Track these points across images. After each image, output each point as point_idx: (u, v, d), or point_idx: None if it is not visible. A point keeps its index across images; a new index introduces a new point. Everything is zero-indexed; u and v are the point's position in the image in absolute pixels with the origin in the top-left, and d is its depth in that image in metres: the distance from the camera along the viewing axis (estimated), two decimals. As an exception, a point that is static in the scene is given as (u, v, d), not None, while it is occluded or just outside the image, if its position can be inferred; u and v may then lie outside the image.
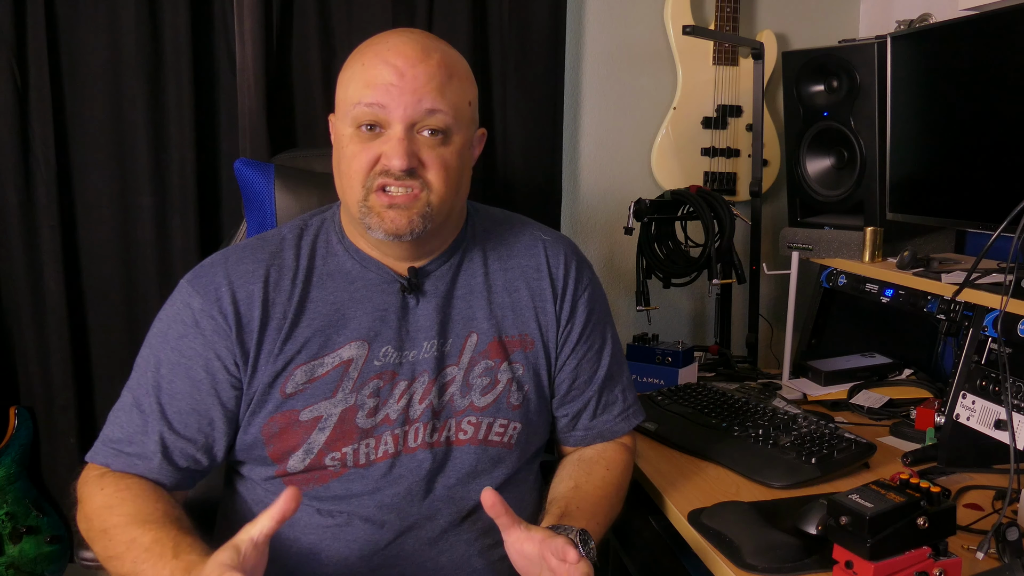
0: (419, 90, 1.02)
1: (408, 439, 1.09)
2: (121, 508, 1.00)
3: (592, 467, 1.19)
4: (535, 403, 1.17)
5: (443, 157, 1.05)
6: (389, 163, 1.02)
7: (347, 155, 1.05)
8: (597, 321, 1.22)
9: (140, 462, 1.05)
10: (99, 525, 1.01)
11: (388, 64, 1.03)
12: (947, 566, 0.97)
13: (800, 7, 2.23)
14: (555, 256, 1.21)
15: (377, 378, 1.09)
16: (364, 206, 1.05)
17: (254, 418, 1.07)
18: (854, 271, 1.80)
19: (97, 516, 1.01)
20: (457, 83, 1.07)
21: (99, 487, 1.03)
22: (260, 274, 1.09)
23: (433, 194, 1.05)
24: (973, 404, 1.39)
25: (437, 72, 1.04)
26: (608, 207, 2.15)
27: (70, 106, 1.78)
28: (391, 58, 1.03)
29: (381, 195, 1.04)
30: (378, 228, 1.05)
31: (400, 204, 1.04)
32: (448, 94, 1.04)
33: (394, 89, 1.02)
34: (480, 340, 1.14)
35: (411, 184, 1.04)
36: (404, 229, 1.05)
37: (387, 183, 1.04)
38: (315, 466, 1.07)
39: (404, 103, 1.02)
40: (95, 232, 1.83)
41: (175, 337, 1.08)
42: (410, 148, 1.03)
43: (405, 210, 1.04)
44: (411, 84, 1.02)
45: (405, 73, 1.02)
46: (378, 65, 1.03)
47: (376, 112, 1.03)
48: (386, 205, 1.04)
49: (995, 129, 1.48)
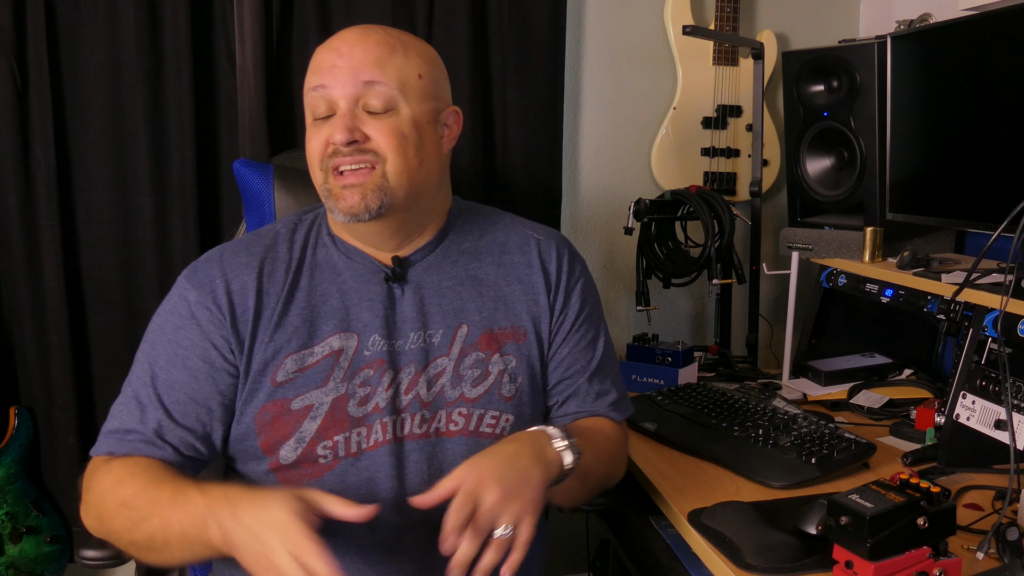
0: (356, 66, 1.06)
1: (399, 428, 1.09)
2: (133, 480, 1.00)
3: (590, 426, 1.19)
4: (529, 395, 1.17)
5: (392, 125, 1.07)
6: (333, 138, 1.05)
7: (308, 145, 1.10)
8: (590, 312, 1.23)
9: (143, 446, 1.05)
10: (114, 501, 1.00)
11: (330, 49, 1.08)
12: (947, 566, 0.97)
13: (800, 7, 2.23)
14: (548, 251, 1.22)
15: (367, 367, 1.10)
16: (325, 188, 1.08)
17: (247, 407, 1.08)
18: (854, 271, 1.80)
19: (111, 494, 1.01)
20: (401, 57, 1.08)
21: (107, 470, 1.04)
22: (254, 266, 1.11)
23: (388, 164, 1.06)
24: (973, 404, 1.39)
25: (375, 48, 1.07)
26: (608, 207, 2.15)
27: (70, 106, 1.79)
28: (333, 44, 1.08)
29: (337, 176, 1.06)
30: (337, 209, 1.07)
31: (353, 183, 1.06)
32: (389, 67, 1.07)
33: (336, 69, 1.06)
34: (471, 332, 1.14)
35: (362, 160, 1.06)
36: (359, 207, 1.06)
37: (339, 163, 1.06)
38: (307, 457, 1.07)
39: (343, 80, 1.05)
40: (95, 232, 1.83)
41: (172, 329, 1.09)
42: (351, 122, 1.05)
43: (359, 187, 1.06)
44: (349, 61, 1.06)
45: (343, 52, 1.06)
46: (322, 52, 1.09)
47: (321, 94, 1.06)
48: (341, 185, 1.06)
49: (995, 129, 1.48)
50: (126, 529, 1.00)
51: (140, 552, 1.01)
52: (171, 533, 0.95)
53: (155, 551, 0.99)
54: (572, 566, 2.16)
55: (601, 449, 1.17)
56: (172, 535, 0.95)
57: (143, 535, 0.98)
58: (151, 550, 0.99)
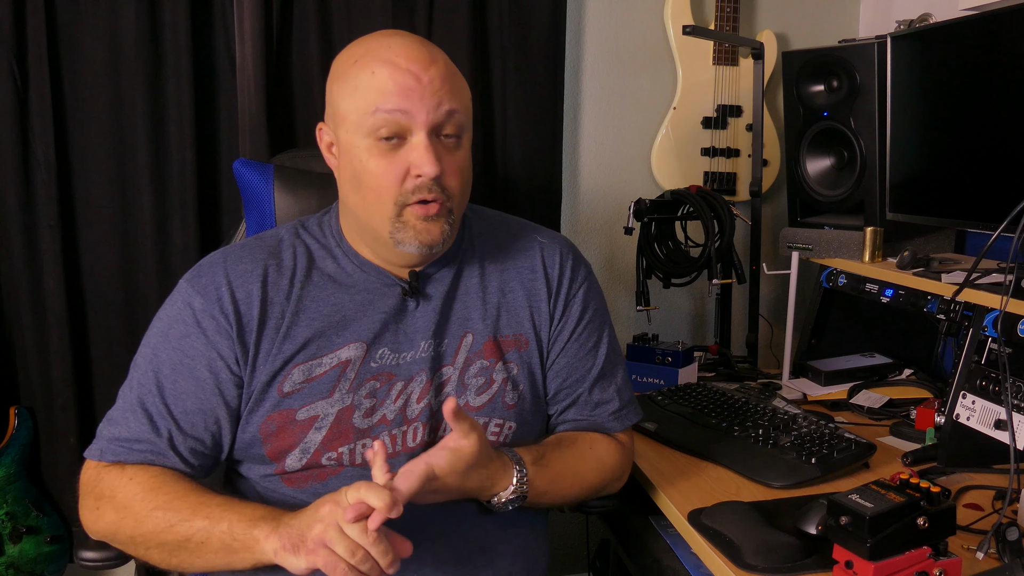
0: (437, 93, 1.02)
1: (407, 439, 1.09)
2: (166, 488, 1.01)
3: (575, 439, 1.19)
4: (530, 402, 1.17)
5: (458, 162, 1.06)
6: (421, 171, 1.01)
7: (371, 170, 1.03)
8: (592, 319, 1.22)
9: (155, 457, 1.05)
10: (149, 504, 1.00)
11: (401, 69, 1.01)
12: (947, 566, 0.97)
13: (800, 7, 2.23)
14: (551, 256, 1.21)
15: (374, 379, 1.09)
16: (398, 222, 1.05)
17: (252, 416, 1.07)
18: (854, 271, 1.80)
19: (141, 499, 1.01)
20: (461, 83, 1.08)
21: (127, 477, 1.03)
22: (258, 274, 1.09)
23: (454, 201, 1.06)
24: (973, 404, 1.39)
25: (447, 73, 1.04)
26: (608, 207, 2.15)
27: (70, 106, 1.78)
28: (403, 63, 1.02)
29: (418, 207, 1.04)
30: (412, 242, 1.05)
31: (433, 215, 1.04)
32: (459, 95, 1.05)
33: (414, 94, 1.01)
34: (475, 340, 1.14)
35: (440, 197, 1.04)
36: (437, 240, 1.06)
37: (423, 197, 1.03)
38: (312, 465, 1.07)
39: (426, 107, 1.01)
40: (95, 232, 1.83)
41: (177, 337, 1.08)
42: (437, 154, 1.02)
43: (437, 220, 1.05)
44: (429, 87, 1.01)
45: (421, 77, 1.01)
46: (391, 71, 1.01)
47: (398, 119, 1.01)
48: (421, 217, 1.04)
49: (995, 129, 1.48)
50: (160, 531, 0.99)
51: (166, 554, 1.01)
52: (212, 533, 0.96)
53: (187, 551, 0.99)
54: (572, 566, 2.16)
55: (568, 469, 1.15)
56: (212, 536, 0.96)
57: (179, 535, 0.98)
58: (182, 550, 0.99)
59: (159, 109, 1.81)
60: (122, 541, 1.04)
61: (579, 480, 1.17)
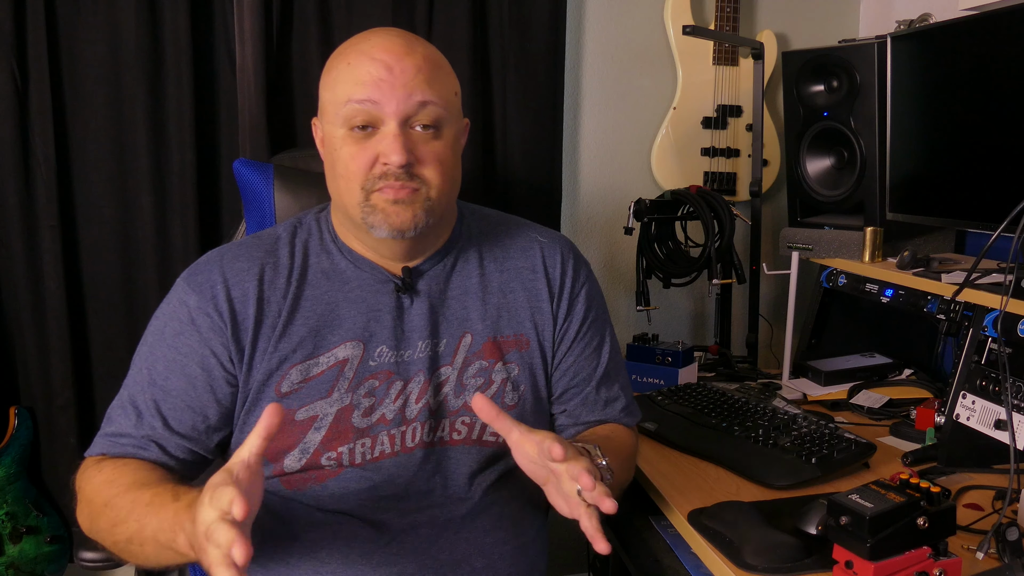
0: (409, 83, 1.03)
1: (406, 439, 1.09)
2: (121, 480, 1.00)
3: (610, 435, 1.19)
4: (531, 403, 1.17)
5: (437, 152, 1.06)
6: (387, 159, 1.02)
7: (343, 157, 1.05)
8: (595, 318, 1.22)
9: (134, 450, 1.05)
10: (101, 500, 1.00)
11: (375, 60, 1.03)
12: (947, 566, 0.97)
13: (800, 7, 2.23)
14: (552, 256, 1.21)
15: (373, 378, 1.09)
16: (366, 206, 1.05)
17: (249, 417, 1.07)
18: (854, 271, 1.80)
19: (98, 493, 1.01)
20: (443, 75, 1.08)
21: (98, 470, 1.04)
22: (255, 272, 1.10)
23: (432, 189, 1.06)
24: (973, 404, 1.39)
25: (424, 65, 1.05)
26: (608, 207, 2.15)
27: (70, 106, 1.79)
28: (377, 54, 1.03)
29: (385, 191, 1.04)
30: (382, 225, 1.05)
31: (403, 200, 1.04)
32: (436, 86, 1.05)
33: (384, 84, 1.02)
34: (475, 341, 1.14)
35: (410, 185, 1.04)
36: (408, 225, 1.05)
37: (389, 186, 1.04)
38: (311, 466, 1.07)
39: (396, 97, 1.02)
40: (95, 232, 1.83)
41: (171, 334, 1.08)
42: (406, 143, 1.03)
43: (408, 205, 1.05)
44: (400, 78, 1.02)
45: (393, 67, 1.03)
46: (365, 62, 1.03)
47: (368, 109, 1.02)
48: (390, 200, 1.04)
49: (995, 129, 1.48)
50: (108, 529, 1.00)
51: (122, 552, 1.00)
52: (145, 536, 0.95)
53: (133, 554, 0.99)
54: (572, 566, 2.16)
55: (624, 458, 1.17)
56: (146, 538, 0.95)
57: (122, 536, 0.98)
58: (130, 553, 0.99)
59: (159, 109, 1.81)
60: (94, 535, 1.03)
61: (629, 471, 1.19)
